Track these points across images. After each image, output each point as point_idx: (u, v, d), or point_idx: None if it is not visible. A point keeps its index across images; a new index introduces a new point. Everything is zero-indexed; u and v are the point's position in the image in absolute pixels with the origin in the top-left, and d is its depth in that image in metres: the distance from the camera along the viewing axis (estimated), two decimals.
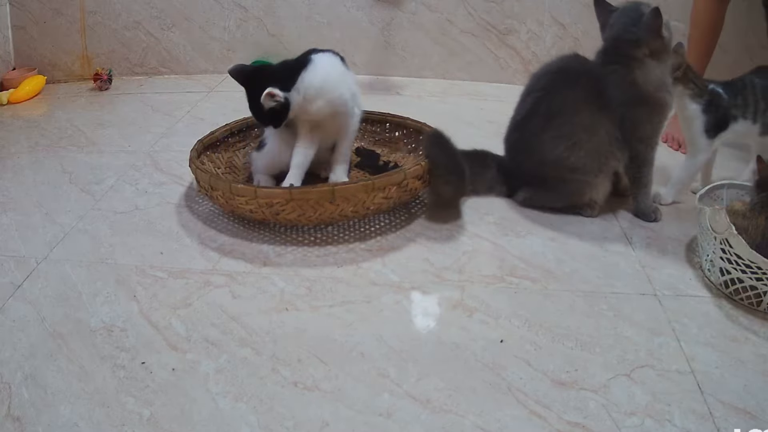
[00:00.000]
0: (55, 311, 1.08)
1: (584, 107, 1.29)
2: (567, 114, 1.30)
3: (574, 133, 1.29)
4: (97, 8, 2.31)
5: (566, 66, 1.35)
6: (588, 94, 1.29)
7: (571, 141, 1.29)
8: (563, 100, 1.31)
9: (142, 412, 0.87)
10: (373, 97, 2.09)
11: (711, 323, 1.04)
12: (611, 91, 1.27)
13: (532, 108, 1.35)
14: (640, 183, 1.33)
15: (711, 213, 1.08)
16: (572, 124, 1.30)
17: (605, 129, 1.28)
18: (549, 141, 1.31)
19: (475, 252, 1.24)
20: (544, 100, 1.33)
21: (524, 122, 1.37)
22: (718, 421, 0.85)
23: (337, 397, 0.90)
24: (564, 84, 1.32)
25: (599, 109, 1.28)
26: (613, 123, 1.28)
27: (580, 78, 1.31)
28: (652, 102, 1.27)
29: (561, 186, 1.34)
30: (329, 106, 1.31)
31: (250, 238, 1.29)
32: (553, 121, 1.31)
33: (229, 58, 2.34)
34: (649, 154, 1.31)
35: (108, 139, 1.82)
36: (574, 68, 1.34)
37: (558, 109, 1.31)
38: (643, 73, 1.26)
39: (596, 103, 1.28)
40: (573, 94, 1.30)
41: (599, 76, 1.29)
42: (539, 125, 1.33)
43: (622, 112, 1.27)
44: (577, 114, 1.29)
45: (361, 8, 2.26)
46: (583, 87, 1.30)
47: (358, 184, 1.22)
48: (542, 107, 1.33)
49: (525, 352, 0.98)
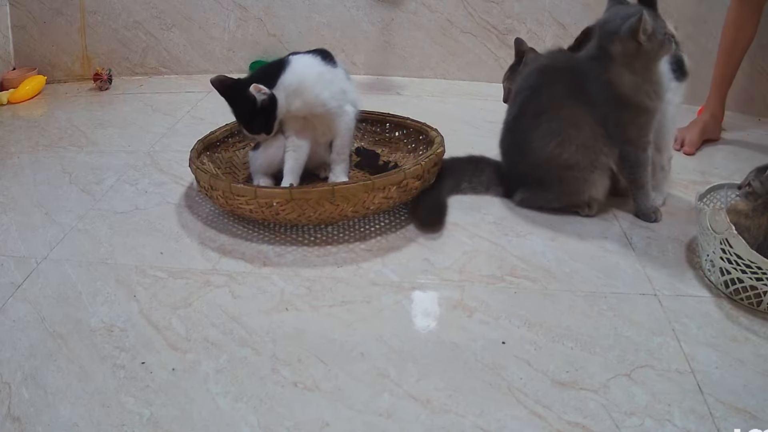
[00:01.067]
0: (55, 311, 1.08)
1: (568, 102, 1.29)
2: (553, 109, 1.30)
3: (562, 128, 1.29)
4: (97, 8, 2.31)
5: (551, 62, 1.36)
6: (571, 90, 1.29)
7: (560, 137, 1.29)
8: (549, 96, 1.31)
9: (142, 412, 0.87)
10: (373, 97, 2.09)
11: (711, 323, 1.04)
12: (590, 87, 1.27)
13: (520, 108, 1.36)
14: (637, 184, 1.33)
15: (711, 213, 1.08)
16: (559, 120, 1.30)
17: (589, 125, 1.28)
18: (539, 139, 1.31)
19: (475, 252, 1.24)
20: (532, 99, 1.33)
21: (515, 123, 1.37)
22: (718, 421, 0.85)
23: (337, 397, 0.90)
24: (549, 80, 1.33)
25: (581, 105, 1.28)
26: (596, 119, 1.28)
27: (563, 73, 1.31)
28: (631, 105, 1.26)
29: (558, 186, 1.33)
30: (306, 106, 1.31)
31: (250, 238, 1.29)
32: (541, 119, 1.31)
33: (229, 58, 2.34)
34: (641, 156, 1.30)
35: (108, 139, 1.82)
36: (558, 64, 1.35)
37: (545, 106, 1.31)
38: (616, 74, 1.25)
39: (579, 98, 1.28)
40: (557, 90, 1.31)
41: (580, 71, 1.29)
42: (528, 125, 1.33)
43: (605, 112, 1.27)
44: (563, 109, 1.29)
45: (361, 8, 2.26)
46: (566, 82, 1.30)
47: (358, 184, 1.22)
48: (530, 106, 1.33)
49: (525, 352, 0.98)
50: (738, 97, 1.94)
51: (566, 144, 1.29)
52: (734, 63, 1.73)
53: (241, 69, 2.35)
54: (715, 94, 1.78)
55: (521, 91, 1.36)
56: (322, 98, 1.32)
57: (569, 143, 1.29)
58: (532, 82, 1.35)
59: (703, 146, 1.74)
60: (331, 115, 1.35)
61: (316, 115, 1.34)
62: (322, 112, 1.34)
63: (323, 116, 1.34)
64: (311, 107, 1.32)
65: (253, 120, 1.30)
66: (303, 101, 1.31)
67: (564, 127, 1.29)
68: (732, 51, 1.71)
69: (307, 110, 1.32)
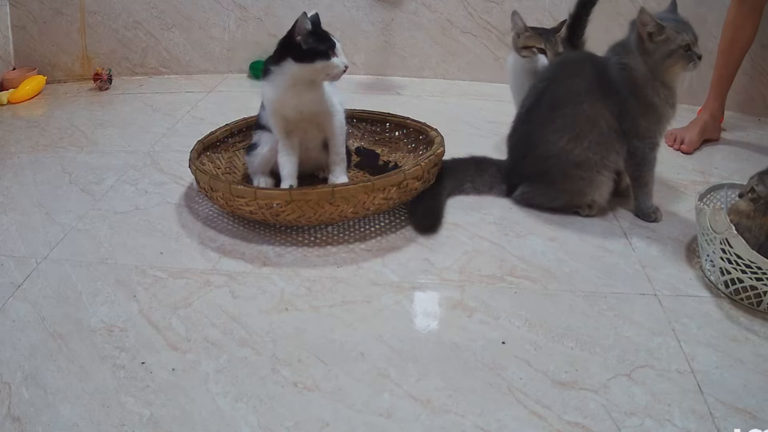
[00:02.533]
0: (55, 311, 1.08)
1: (586, 97, 1.29)
2: (571, 103, 1.30)
3: (577, 123, 1.29)
4: (97, 8, 2.31)
5: (573, 56, 1.36)
6: (590, 83, 1.29)
7: (574, 132, 1.29)
8: (566, 89, 1.31)
9: (142, 412, 0.87)
10: (373, 97, 2.10)
11: (711, 323, 1.04)
12: (610, 74, 1.27)
13: (536, 99, 1.35)
14: (641, 182, 1.33)
15: (711, 213, 1.08)
16: (575, 115, 1.30)
17: (605, 119, 1.28)
18: (552, 133, 1.31)
19: (475, 252, 1.24)
20: (548, 91, 1.33)
21: (529, 114, 1.37)
22: (718, 421, 0.85)
23: (337, 397, 0.90)
24: (568, 72, 1.33)
25: (600, 99, 1.28)
26: (613, 114, 1.28)
27: (584, 65, 1.32)
28: (640, 96, 1.27)
29: (562, 183, 1.33)
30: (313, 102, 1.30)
31: (250, 239, 1.29)
32: (557, 112, 1.31)
33: (229, 58, 2.34)
34: (648, 154, 1.31)
35: (108, 139, 1.82)
36: (579, 58, 1.35)
37: (561, 99, 1.31)
38: (633, 60, 1.26)
39: (597, 92, 1.28)
40: (576, 83, 1.31)
41: (603, 62, 1.29)
42: (543, 117, 1.33)
43: (620, 101, 1.27)
44: (580, 104, 1.29)
45: (361, 8, 2.26)
46: (586, 75, 1.30)
47: (358, 185, 1.22)
48: (546, 98, 1.33)
49: (525, 352, 0.98)
50: (738, 97, 1.94)
51: (579, 140, 1.29)
52: (734, 63, 1.73)
53: (241, 69, 2.35)
54: (715, 94, 1.78)
55: (540, 82, 1.36)
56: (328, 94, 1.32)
57: (582, 139, 1.29)
58: (551, 75, 1.35)
59: (702, 146, 1.74)
60: (327, 113, 1.34)
61: (314, 113, 1.32)
62: (321, 110, 1.33)
63: (319, 114, 1.33)
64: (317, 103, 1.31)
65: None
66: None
67: (578, 122, 1.29)
68: (731, 51, 1.71)
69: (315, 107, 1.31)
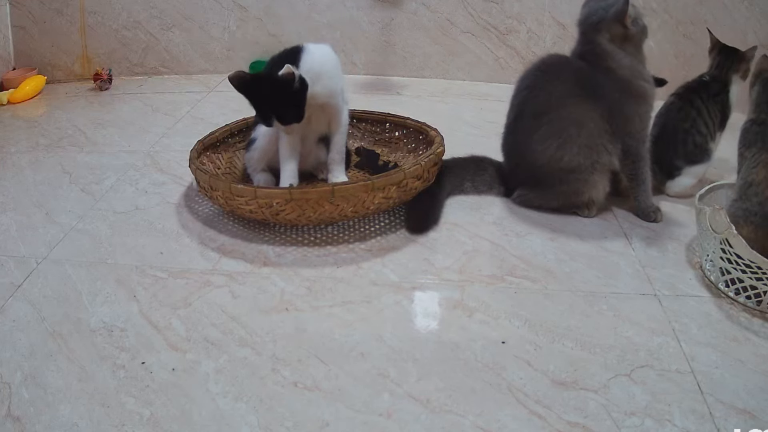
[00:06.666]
0: (55, 311, 1.08)
1: (570, 100, 1.28)
2: (554, 109, 1.30)
3: (563, 128, 1.29)
4: (97, 8, 2.31)
5: (549, 61, 1.36)
6: (573, 86, 1.29)
7: (562, 138, 1.28)
8: (548, 95, 1.31)
9: (142, 412, 0.87)
10: (373, 97, 2.10)
11: (711, 323, 1.04)
12: (594, 80, 1.27)
13: (519, 109, 1.35)
14: (638, 180, 1.33)
15: (711, 213, 1.08)
16: (560, 119, 1.29)
17: (593, 121, 1.28)
18: (540, 141, 1.30)
19: (475, 252, 1.24)
20: (530, 99, 1.33)
21: (515, 125, 1.37)
22: (718, 421, 0.85)
23: (337, 397, 0.90)
24: (548, 78, 1.32)
25: (586, 100, 1.27)
26: (602, 115, 1.27)
27: (563, 70, 1.31)
28: (633, 91, 1.27)
29: (558, 186, 1.33)
30: (324, 94, 1.28)
31: (250, 238, 1.29)
32: (542, 120, 1.31)
33: (229, 58, 2.34)
34: (641, 149, 1.31)
35: (108, 139, 1.82)
36: (557, 62, 1.35)
37: (544, 106, 1.31)
38: (614, 60, 1.26)
39: (582, 94, 1.28)
40: (558, 88, 1.30)
41: (583, 66, 1.29)
42: (528, 126, 1.33)
43: (609, 104, 1.27)
44: (564, 107, 1.29)
45: (361, 8, 2.26)
46: (567, 79, 1.29)
47: (358, 184, 1.22)
48: (528, 107, 1.33)
49: (525, 352, 0.98)
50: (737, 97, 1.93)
51: (567, 146, 1.28)
52: None
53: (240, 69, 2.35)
54: None
55: (519, 92, 1.36)
56: (340, 87, 1.32)
57: (571, 144, 1.28)
58: (529, 83, 1.34)
59: None
60: (336, 108, 1.33)
61: (320, 107, 1.31)
62: (332, 103, 1.32)
63: (326, 108, 1.32)
64: (328, 96, 1.29)
65: (286, 108, 1.22)
66: (323, 87, 1.27)
67: (565, 127, 1.28)
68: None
69: (324, 98, 1.29)
